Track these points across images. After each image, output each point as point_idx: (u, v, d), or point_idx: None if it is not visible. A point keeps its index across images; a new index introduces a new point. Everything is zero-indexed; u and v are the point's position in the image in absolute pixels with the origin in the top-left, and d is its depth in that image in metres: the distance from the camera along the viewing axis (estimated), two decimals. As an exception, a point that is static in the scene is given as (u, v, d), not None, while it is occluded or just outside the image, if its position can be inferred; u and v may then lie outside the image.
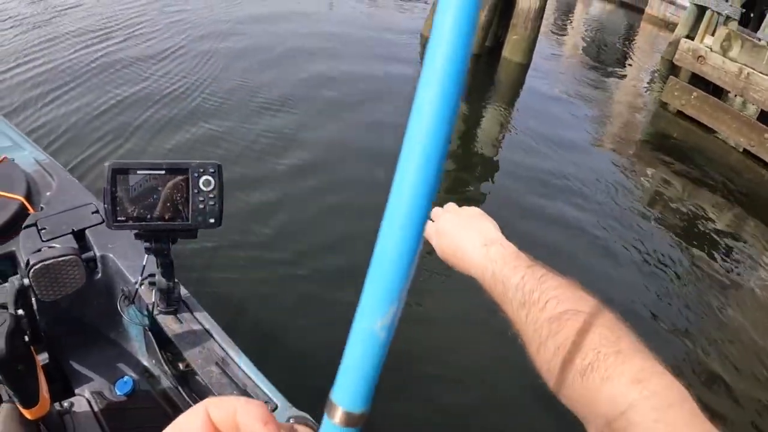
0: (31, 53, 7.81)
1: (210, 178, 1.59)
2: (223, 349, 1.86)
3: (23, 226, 2.23)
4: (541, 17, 11.51)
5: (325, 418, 0.32)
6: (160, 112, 6.46)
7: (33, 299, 1.67)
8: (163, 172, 1.56)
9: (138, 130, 6.01)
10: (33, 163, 2.74)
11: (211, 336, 1.90)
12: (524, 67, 11.37)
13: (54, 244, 2.11)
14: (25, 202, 2.36)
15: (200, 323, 1.95)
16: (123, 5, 11.28)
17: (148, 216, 1.58)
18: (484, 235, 0.99)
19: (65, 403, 1.91)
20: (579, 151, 7.96)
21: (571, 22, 22.65)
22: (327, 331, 3.75)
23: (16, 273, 2.16)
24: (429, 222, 1.06)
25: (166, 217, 1.59)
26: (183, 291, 2.01)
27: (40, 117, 5.96)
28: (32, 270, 1.59)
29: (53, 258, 1.61)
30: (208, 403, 0.36)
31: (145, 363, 2.22)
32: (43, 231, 2.19)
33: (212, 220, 1.63)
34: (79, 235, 2.25)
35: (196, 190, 1.59)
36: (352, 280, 4.21)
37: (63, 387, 2.08)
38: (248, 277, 4.10)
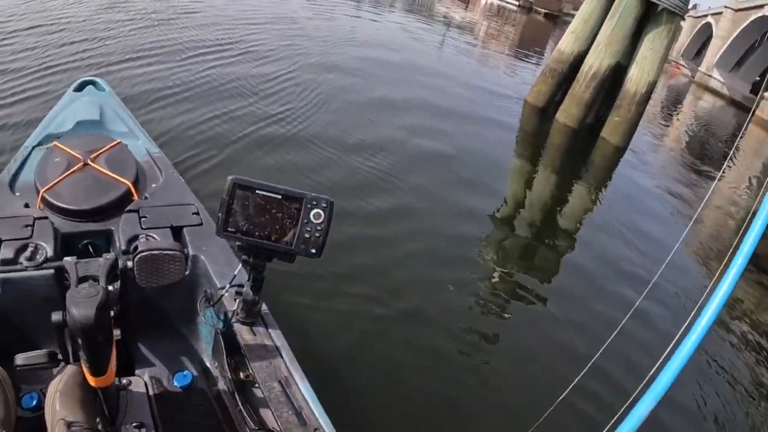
0: (148, 49, 8.37)
1: (321, 211, 1.70)
2: (288, 369, 1.92)
3: (126, 210, 2.40)
4: (647, 102, 11.45)
5: None
6: (259, 132, 6.72)
7: (123, 280, 1.78)
8: (279, 196, 1.68)
9: (236, 143, 6.25)
10: (144, 154, 2.95)
11: (280, 354, 1.97)
12: (620, 150, 11.26)
13: (152, 234, 2.28)
14: (132, 188, 2.53)
15: (273, 340, 2.01)
16: (243, 20, 11.88)
17: (256, 233, 1.70)
18: None
19: (124, 380, 1.99)
20: (661, 246, 7.79)
21: (678, 112, 22.23)
22: (386, 372, 3.83)
23: (109, 250, 2.35)
24: None
25: (272, 238, 1.70)
26: (264, 307, 2.10)
27: (148, 111, 6.28)
28: (138, 256, 1.69)
29: (160, 249, 1.72)
30: None
31: (208, 363, 2.31)
32: (143, 219, 2.36)
33: (313, 251, 1.72)
34: (177, 232, 2.40)
35: (305, 220, 1.70)
36: (421, 326, 4.28)
37: (125, 364, 2.17)
38: (323, 304, 4.17)
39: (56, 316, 1.51)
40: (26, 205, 2.35)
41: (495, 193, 7.73)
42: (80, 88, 3.49)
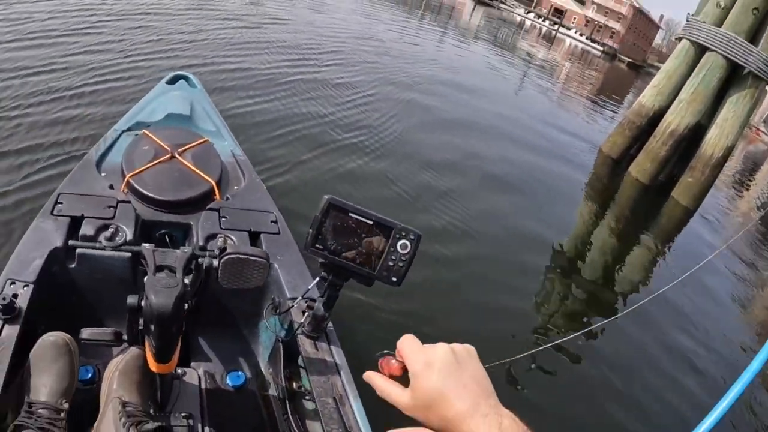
0: (237, 51, 8.62)
1: (408, 242, 1.69)
2: (344, 387, 1.93)
3: (207, 207, 2.46)
4: (722, 166, 11.15)
5: None
6: (338, 143, 6.79)
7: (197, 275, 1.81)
8: (371, 222, 1.68)
9: (314, 151, 6.31)
10: (229, 155, 3.00)
11: (339, 372, 1.98)
12: (689, 212, 10.96)
13: (231, 236, 2.33)
14: (215, 188, 2.58)
15: (334, 356, 2.02)
16: (331, 33, 12.12)
17: (342, 253, 1.71)
18: (481, 392, 0.75)
19: (179, 370, 2.04)
20: (724, 312, 7.60)
21: (753, 180, 21.61)
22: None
23: (185, 243, 2.41)
24: (415, 352, 0.79)
25: (357, 261, 1.71)
26: (330, 325, 2.11)
27: (232, 110, 6.39)
28: (226, 257, 1.74)
29: (247, 255, 1.78)
30: None
31: (263, 368, 2.33)
32: (223, 219, 2.41)
33: (395, 279, 1.72)
34: (254, 237, 2.45)
35: (392, 249, 1.69)
36: (481, 346, 4.24)
37: (182, 355, 2.22)
38: (378, 319, 4.12)
39: (132, 300, 1.57)
40: (111, 187, 2.42)
41: (559, 230, 7.70)
42: (173, 81, 3.58)
